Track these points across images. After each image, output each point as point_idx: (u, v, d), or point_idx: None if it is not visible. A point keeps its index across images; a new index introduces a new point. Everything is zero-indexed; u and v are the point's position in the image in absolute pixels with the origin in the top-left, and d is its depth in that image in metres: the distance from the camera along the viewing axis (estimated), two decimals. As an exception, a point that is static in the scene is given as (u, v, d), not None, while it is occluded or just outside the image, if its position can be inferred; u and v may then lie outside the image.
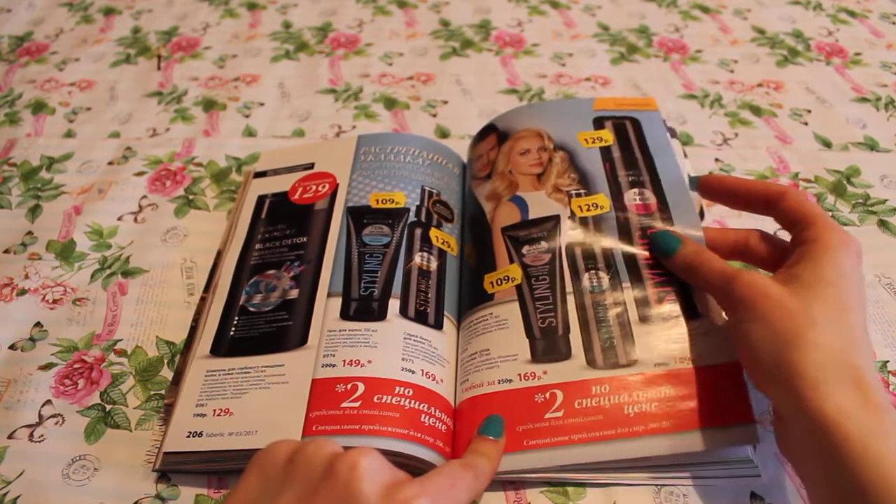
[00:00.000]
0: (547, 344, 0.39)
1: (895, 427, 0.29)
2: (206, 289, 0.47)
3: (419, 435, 0.36)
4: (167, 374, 0.43)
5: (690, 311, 0.39)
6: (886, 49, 0.71)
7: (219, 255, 0.49)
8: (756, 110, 0.63)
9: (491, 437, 0.36)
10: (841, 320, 0.32)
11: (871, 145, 0.59)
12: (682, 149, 0.50)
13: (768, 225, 0.51)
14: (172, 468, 0.38)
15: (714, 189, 0.41)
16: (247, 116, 0.64)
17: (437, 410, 0.38)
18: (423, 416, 0.37)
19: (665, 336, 0.38)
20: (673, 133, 0.51)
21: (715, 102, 0.64)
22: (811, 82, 0.66)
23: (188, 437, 0.38)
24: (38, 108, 0.66)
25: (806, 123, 0.61)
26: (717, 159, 0.57)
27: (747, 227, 0.40)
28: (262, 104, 0.65)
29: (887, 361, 0.43)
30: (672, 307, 0.39)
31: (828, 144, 0.59)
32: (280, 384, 0.39)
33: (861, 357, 0.31)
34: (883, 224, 0.52)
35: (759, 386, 0.33)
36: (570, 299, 0.41)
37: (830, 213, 0.52)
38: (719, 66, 0.68)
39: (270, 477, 0.30)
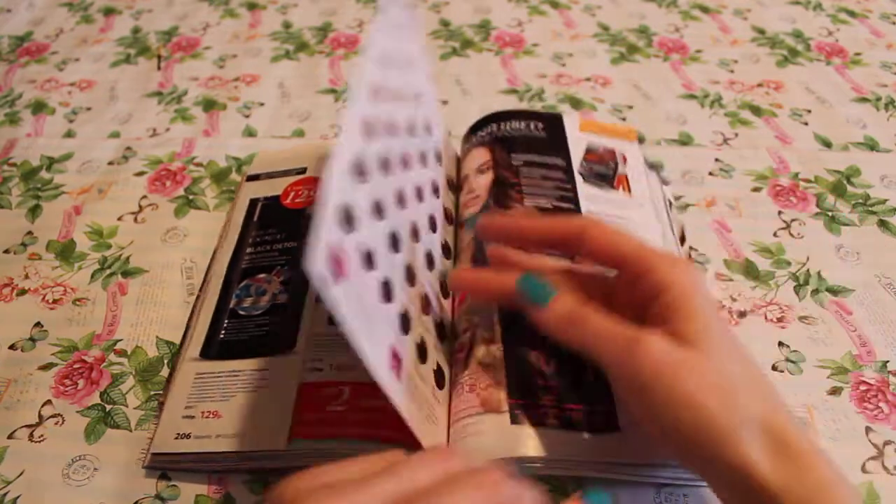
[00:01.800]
0: None
1: (834, 483, 0.28)
2: (202, 288, 0.47)
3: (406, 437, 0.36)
4: (167, 374, 0.43)
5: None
6: (886, 49, 0.71)
7: (214, 255, 0.49)
8: (756, 110, 0.63)
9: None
10: (753, 378, 0.30)
11: (871, 145, 0.59)
12: (659, 181, 0.50)
13: (771, 225, 0.51)
14: (160, 467, 0.38)
15: (493, 234, 0.37)
16: (247, 116, 0.64)
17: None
18: None
19: None
20: (651, 166, 0.51)
21: (715, 102, 0.64)
22: (811, 82, 0.66)
23: (177, 438, 0.38)
24: (38, 108, 0.66)
25: (806, 123, 0.61)
26: (717, 159, 0.57)
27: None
28: (262, 104, 0.65)
29: (887, 361, 0.43)
30: None
31: (828, 144, 0.59)
32: (267, 388, 0.39)
33: (779, 409, 0.30)
34: (883, 224, 0.52)
35: (680, 462, 0.32)
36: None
37: (830, 213, 0.52)
38: (719, 66, 0.68)
39: None
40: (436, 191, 0.46)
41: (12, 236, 0.53)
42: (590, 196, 0.46)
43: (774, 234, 0.51)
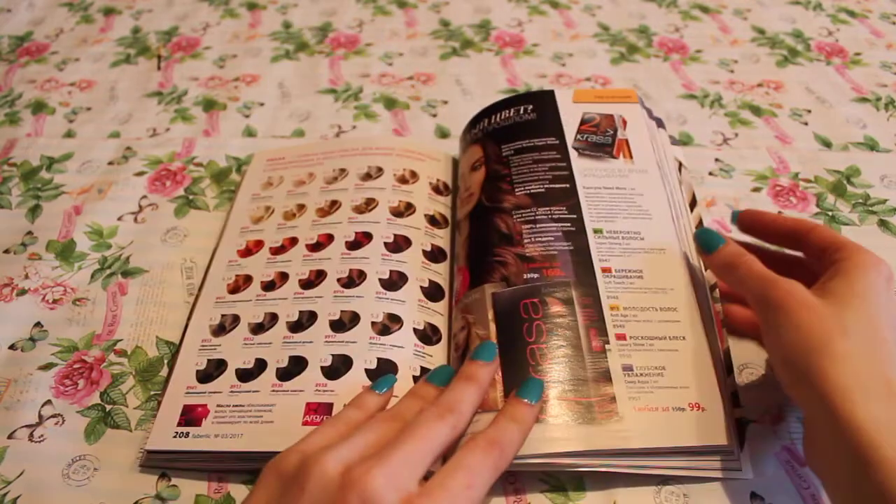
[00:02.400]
0: None
1: None
2: (200, 289, 0.47)
3: None
4: (167, 373, 0.43)
5: None
6: (886, 49, 0.71)
7: (214, 255, 0.49)
8: (756, 110, 0.63)
9: (527, 401, 0.35)
10: (873, 333, 0.32)
11: (871, 145, 0.59)
12: (668, 138, 0.49)
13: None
14: (158, 466, 0.38)
15: (748, 224, 0.42)
16: (247, 116, 0.64)
17: None
18: None
19: None
20: (660, 123, 0.50)
21: (715, 102, 0.64)
22: (811, 82, 0.66)
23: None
24: (38, 108, 0.66)
25: (806, 123, 0.61)
26: (717, 159, 0.57)
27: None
28: (262, 104, 0.65)
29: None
30: None
31: (828, 144, 0.59)
32: None
33: (894, 371, 0.31)
34: (883, 224, 0.52)
35: (788, 391, 0.34)
36: None
37: (830, 213, 0.52)
38: (719, 66, 0.68)
39: (283, 492, 0.30)
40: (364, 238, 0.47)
41: (12, 236, 0.53)
42: (585, 170, 0.45)
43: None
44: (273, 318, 0.43)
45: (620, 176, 0.46)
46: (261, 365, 0.40)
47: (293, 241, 0.47)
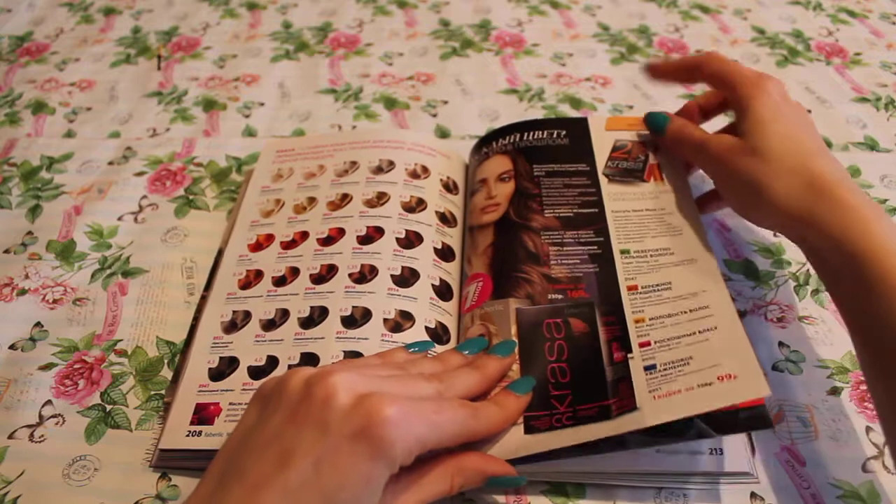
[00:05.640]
0: None
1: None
2: (207, 287, 0.47)
3: None
4: (167, 374, 0.43)
5: None
6: (886, 49, 0.71)
7: (220, 254, 0.49)
8: (756, 110, 0.62)
9: (514, 392, 0.36)
10: (790, 144, 0.38)
11: (871, 145, 0.59)
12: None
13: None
14: (169, 465, 0.38)
15: (657, 74, 0.48)
16: (247, 116, 0.64)
17: None
18: None
19: None
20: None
21: (715, 102, 0.63)
22: (811, 82, 0.66)
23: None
24: (38, 108, 0.66)
25: (806, 123, 0.61)
26: (717, 159, 0.57)
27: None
28: (262, 104, 0.65)
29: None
30: None
31: (828, 144, 0.59)
32: None
33: (816, 162, 0.38)
34: (883, 224, 0.52)
35: (757, 222, 0.42)
36: None
37: (830, 213, 0.52)
38: (719, 66, 0.68)
39: (265, 405, 0.31)
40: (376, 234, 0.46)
41: (12, 236, 0.53)
42: (615, 195, 0.46)
43: (774, 234, 0.51)
44: (284, 314, 0.42)
45: (651, 198, 0.45)
46: (273, 362, 0.40)
47: (304, 236, 0.47)
